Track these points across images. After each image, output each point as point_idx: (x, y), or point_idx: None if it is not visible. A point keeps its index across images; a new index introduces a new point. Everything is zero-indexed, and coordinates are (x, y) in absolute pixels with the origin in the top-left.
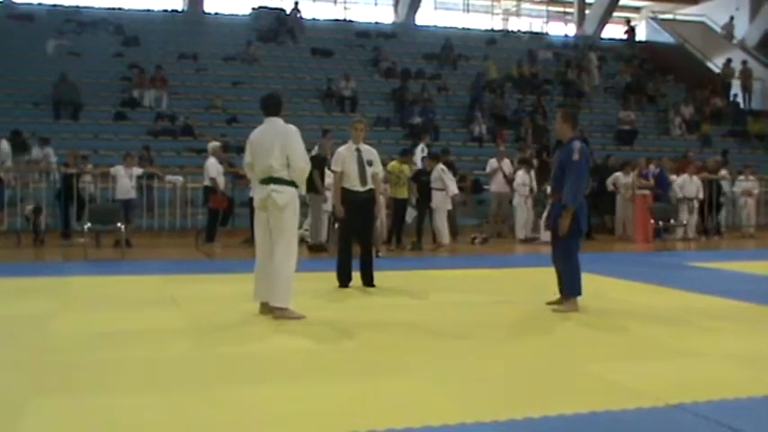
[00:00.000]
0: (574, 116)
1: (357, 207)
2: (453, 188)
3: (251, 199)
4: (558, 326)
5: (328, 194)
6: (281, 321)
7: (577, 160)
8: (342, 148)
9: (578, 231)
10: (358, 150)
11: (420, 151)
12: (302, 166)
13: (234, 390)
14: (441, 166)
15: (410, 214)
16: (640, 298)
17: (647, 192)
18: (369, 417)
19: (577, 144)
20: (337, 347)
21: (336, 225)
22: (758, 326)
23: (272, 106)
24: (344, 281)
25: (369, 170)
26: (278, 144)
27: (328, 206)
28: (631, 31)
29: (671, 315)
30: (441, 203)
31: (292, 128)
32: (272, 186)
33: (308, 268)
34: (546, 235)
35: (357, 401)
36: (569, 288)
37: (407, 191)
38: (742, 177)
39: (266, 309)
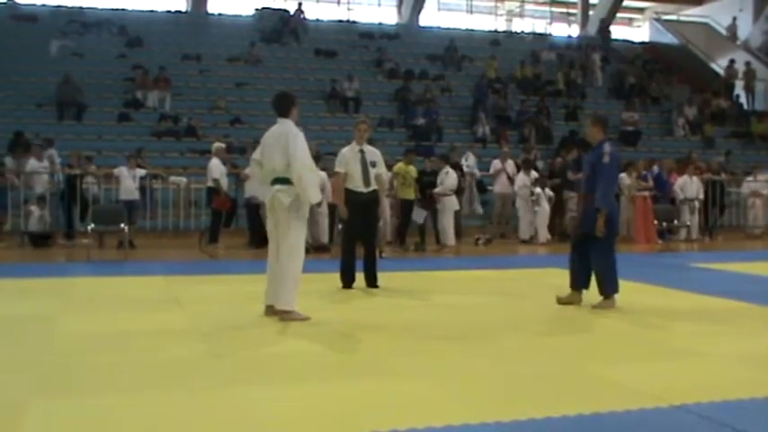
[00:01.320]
0: (604, 120)
1: (360, 208)
2: (439, 189)
3: (248, 199)
4: (560, 327)
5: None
6: (285, 323)
7: (607, 163)
8: (345, 149)
9: (613, 231)
10: (361, 151)
11: (465, 159)
12: (298, 170)
13: (236, 391)
14: (446, 168)
15: (419, 215)
16: (643, 299)
17: (646, 193)
18: (372, 418)
19: (607, 147)
20: (340, 348)
21: (340, 226)
22: (761, 327)
23: (281, 107)
24: (348, 282)
25: (372, 171)
26: (279, 146)
27: (322, 208)
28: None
29: (674, 316)
30: (448, 204)
31: (294, 130)
32: (278, 186)
33: (312, 269)
34: (544, 236)
35: (360, 402)
36: (609, 287)
37: (414, 191)
38: (750, 178)
39: (271, 311)
